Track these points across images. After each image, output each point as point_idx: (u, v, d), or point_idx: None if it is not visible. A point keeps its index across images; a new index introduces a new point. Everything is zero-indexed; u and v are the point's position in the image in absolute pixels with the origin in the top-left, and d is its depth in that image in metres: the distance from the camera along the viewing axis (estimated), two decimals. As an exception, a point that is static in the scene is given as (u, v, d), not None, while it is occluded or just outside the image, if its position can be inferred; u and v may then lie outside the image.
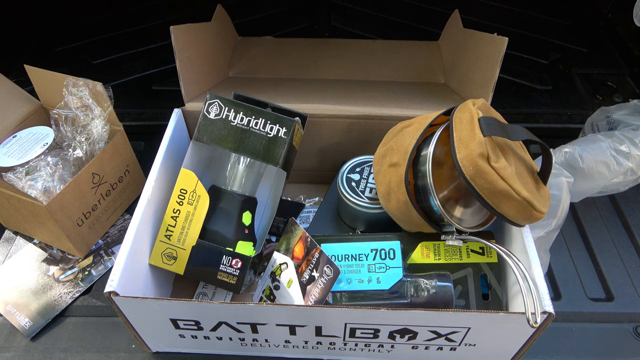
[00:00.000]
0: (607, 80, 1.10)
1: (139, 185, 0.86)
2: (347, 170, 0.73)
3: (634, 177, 0.79)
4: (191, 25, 0.75)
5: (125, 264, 0.56)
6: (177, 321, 0.57)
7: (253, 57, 0.96)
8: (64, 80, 0.75)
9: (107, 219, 0.81)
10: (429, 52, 0.96)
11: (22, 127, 0.80)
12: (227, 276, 0.64)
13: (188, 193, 0.65)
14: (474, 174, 0.52)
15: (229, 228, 0.67)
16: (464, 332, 0.55)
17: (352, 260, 0.63)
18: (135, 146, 0.96)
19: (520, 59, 1.14)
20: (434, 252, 0.64)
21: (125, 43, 1.19)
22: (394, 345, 0.59)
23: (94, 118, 0.75)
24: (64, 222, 0.71)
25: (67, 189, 0.70)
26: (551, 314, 0.50)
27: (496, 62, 0.70)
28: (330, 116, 0.77)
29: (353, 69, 0.93)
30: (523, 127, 0.56)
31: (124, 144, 0.79)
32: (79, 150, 0.75)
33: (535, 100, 1.05)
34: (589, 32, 1.23)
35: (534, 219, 0.55)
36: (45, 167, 0.72)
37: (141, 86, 1.08)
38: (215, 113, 0.66)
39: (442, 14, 1.16)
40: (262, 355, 0.66)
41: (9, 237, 0.81)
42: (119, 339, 0.68)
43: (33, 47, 1.19)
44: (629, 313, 0.71)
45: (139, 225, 0.61)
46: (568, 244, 0.80)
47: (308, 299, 0.59)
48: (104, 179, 0.76)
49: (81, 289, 0.74)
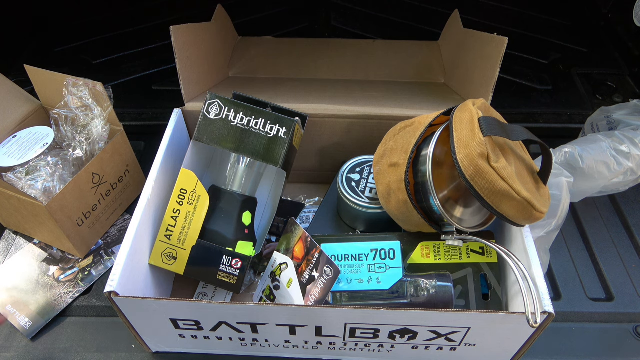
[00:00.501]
0: (607, 80, 1.10)
1: (139, 185, 0.86)
2: (347, 170, 0.73)
3: (634, 177, 0.79)
4: (191, 25, 0.75)
5: (125, 264, 0.56)
6: (177, 321, 0.57)
7: (253, 57, 0.96)
8: (64, 80, 0.75)
9: (107, 219, 0.81)
10: (429, 52, 0.96)
11: (22, 127, 0.80)
12: (227, 276, 0.65)
13: (188, 193, 0.65)
14: (474, 174, 0.52)
15: (229, 228, 0.67)
16: (464, 332, 0.55)
17: (352, 260, 0.63)
18: (135, 146, 0.96)
19: (520, 59, 1.14)
20: (434, 252, 0.64)
21: (125, 43, 1.19)
22: (394, 345, 0.59)
23: (94, 118, 0.75)
24: (64, 222, 0.71)
25: (67, 189, 0.70)
26: (551, 314, 0.50)
27: (496, 62, 0.70)
28: (330, 116, 0.77)
29: (353, 69, 0.93)
30: (523, 127, 0.56)
31: (124, 144, 0.79)
32: (79, 150, 0.75)
33: (535, 100, 1.05)
34: (589, 32, 1.23)
35: (534, 219, 0.55)
36: (45, 167, 0.72)
37: (141, 86, 1.08)
38: (215, 113, 0.66)
39: (442, 14, 1.16)
40: (262, 355, 0.66)
41: (9, 237, 0.81)
42: (119, 339, 0.68)
43: (33, 47, 1.19)
44: (629, 313, 0.71)
45: (139, 225, 0.61)
46: (568, 244, 0.80)
47: (308, 299, 0.59)
48: (104, 179, 0.76)
49: (81, 289, 0.74)
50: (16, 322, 0.70)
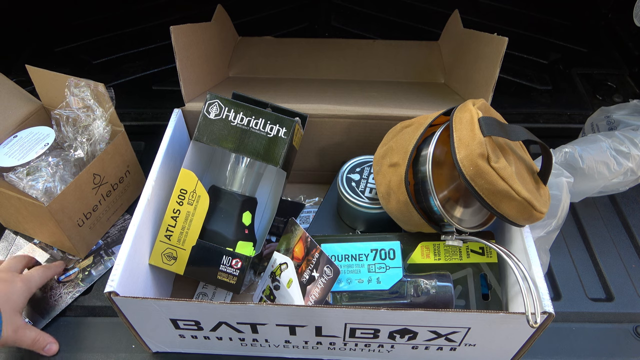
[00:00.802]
0: (607, 80, 1.10)
1: (139, 185, 0.86)
2: (347, 170, 0.73)
3: (634, 177, 0.79)
4: (191, 25, 0.75)
5: (125, 264, 0.56)
6: (177, 321, 0.57)
7: (253, 57, 0.96)
8: (65, 81, 0.74)
9: (108, 219, 0.81)
10: (429, 52, 0.96)
11: (23, 127, 0.80)
12: (227, 276, 0.65)
13: (188, 193, 0.65)
14: (474, 174, 0.52)
15: (229, 228, 0.67)
16: (464, 332, 0.55)
17: (352, 260, 0.63)
18: (136, 146, 0.96)
19: (520, 59, 1.14)
20: (434, 252, 0.64)
21: (125, 43, 1.19)
22: (394, 345, 0.59)
23: (96, 119, 0.75)
24: (65, 223, 0.71)
25: (68, 189, 0.70)
26: (551, 314, 0.50)
27: (496, 62, 0.70)
28: (330, 116, 0.77)
29: (353, 69, 0.93)
30: (523, 127, 0.56)
31: (125, 144, 0.79)
32: (80, 151, 0.75)
33: (535, 100, 1.05)
34: (589, 32, 1.23)
35: (534, 219, 0.55)
36: (46, 168, 0.72)
37: (141, 86, 1.08)
38: (215, 113, 0.66)
39: (442, 14, 1.16)
40: (262, 355, 0.66)
41: (9, 237, 0.81)
42: (119, 339, 0.68)
43: (33, 47, 1.19)
44: (629, 313, 0.71)
45: (139, 225, 0.61)
46: (568, 244, 0.80)
47: (308, 299, 0.59)
48: (104, 180, 0.76)
49: (81, 289, 0.74)
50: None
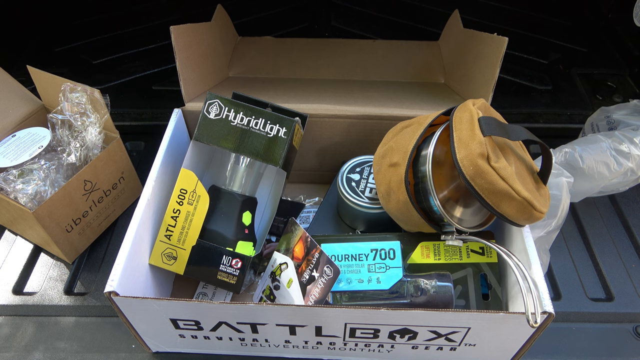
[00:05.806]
0: (607, 80, 1.10)
1: (134, 192, 0.85)
2: (347, 170, 0.73)
3: (634, 177, 0.79)
4: (191, 25, 0.75)
5: (125, 263, 0.56)
6: (177, 321, 0.57)
7: (253, 57, 0.96)
8: (62, 84, 0.74)
9: (99, 225, 0.80)
10: (429, 52, 0.96)
11: (23, 126, 0.79)
12: (227, 276, 0.65)
13: (188, 193, 0.65)
14: (474, 174, 0.52)
15: (229, 228, 0.67)
16: (464, 332, 0.55)
17: (352, 260, 0.63)
18: (135, 146, 0.96)
19: (520, 59, 1.14)
20: (434, 252, 0.64)
21: (125, 43, 1.19)
22: (394, 345, 0.59)
23: (90, 125, 0.74)
24: (52, 228, 0.70)
25: (56, 196, 0.69)
26: (551, 314, 0.50)
27: (496, 62, 0.70)
28: (330, 116, 0.77)
29: (353, 69, 0.93)
30: (523, 127, 0.56)
31: (119, 151, 0.78)
32: (72, 156, 0.74)
33: (535, 100, 1.05)
34: (589, 32, 1.23)
35: (534, 219, 0.55)
36: (38, 171, 0.71)
37: (141, 86, 1.08)
38: (215, 113, 0.66)
39: (442, 14, 1.16)
40: (262, 355, 0.66)
41: (9, 237, 0.81)
42: (119, 339, 0.68)
43: (33, 47, 1.19)
44: (629, 313, 0.71)
45: (139, 225, 0.61)
46: (568, 244, 0.80)
47: (308, 299, 0.59)
48: (96, 186, 0.75)
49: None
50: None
